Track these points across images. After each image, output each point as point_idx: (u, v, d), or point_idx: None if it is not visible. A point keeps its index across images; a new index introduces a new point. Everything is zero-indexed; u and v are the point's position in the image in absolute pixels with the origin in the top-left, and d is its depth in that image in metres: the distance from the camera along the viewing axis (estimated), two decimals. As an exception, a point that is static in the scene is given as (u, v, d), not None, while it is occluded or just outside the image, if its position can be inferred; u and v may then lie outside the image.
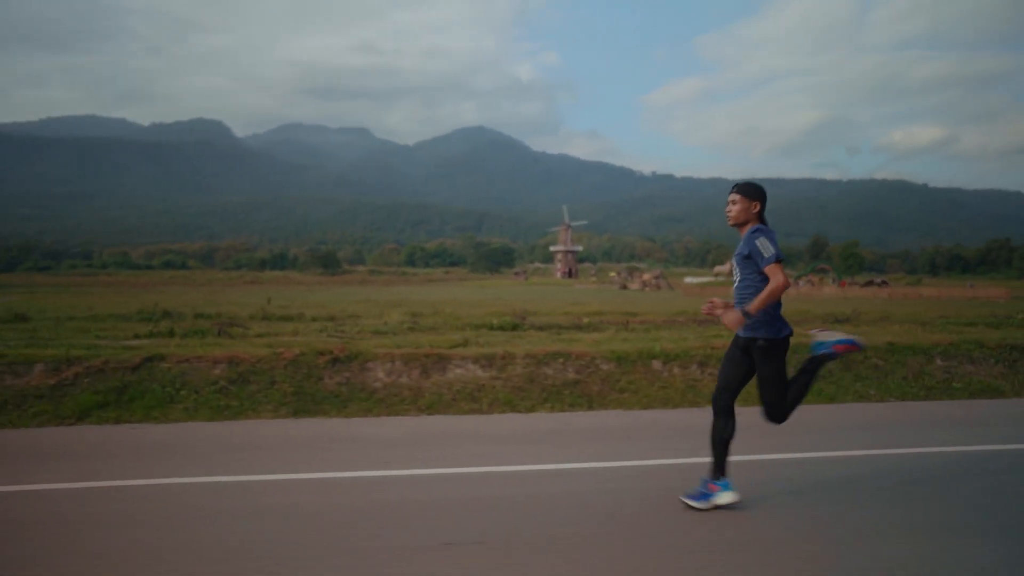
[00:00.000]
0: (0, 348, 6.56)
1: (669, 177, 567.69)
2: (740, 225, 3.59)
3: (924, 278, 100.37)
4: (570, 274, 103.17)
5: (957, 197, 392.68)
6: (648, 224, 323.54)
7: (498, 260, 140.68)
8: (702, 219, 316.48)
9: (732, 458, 3.67)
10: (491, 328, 9.58)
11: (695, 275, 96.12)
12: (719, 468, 3.58)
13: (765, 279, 3.43)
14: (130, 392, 5.95)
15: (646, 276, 67.22)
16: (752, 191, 3.57)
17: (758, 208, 3.56)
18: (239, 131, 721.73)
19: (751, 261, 3.47)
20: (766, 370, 3.52)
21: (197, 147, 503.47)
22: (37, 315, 17.81)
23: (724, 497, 3.53)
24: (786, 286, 3.34)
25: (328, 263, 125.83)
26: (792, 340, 3.61)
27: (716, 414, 3.61)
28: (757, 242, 3.40)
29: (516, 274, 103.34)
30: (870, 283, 59.18)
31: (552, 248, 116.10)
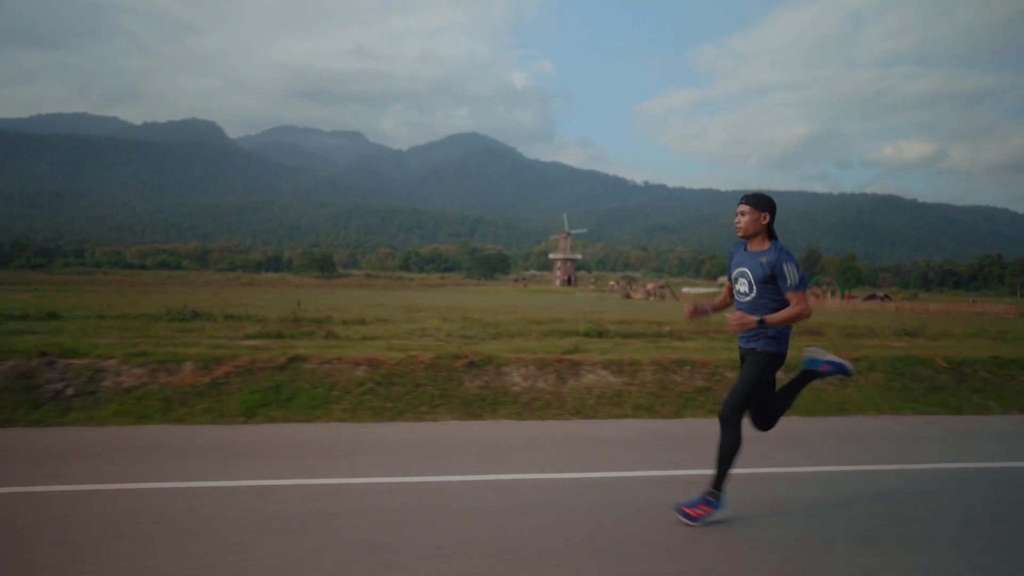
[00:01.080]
0: (145, 346, 6.61)
1: (662, 187, 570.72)
2: (750, 237, 3.57)
3: (919, 293, 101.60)
4: (569, 282, 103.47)
5: (946, 212, 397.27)
6: (640, 233, 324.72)
7: (493, 266, 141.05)
8: (694, 229, 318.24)
9: (978, 465, 3.78)
10: (581, 335, 9.70)
11: (691, 285, 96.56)
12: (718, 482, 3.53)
13: (782, 301, 3.44)
14: (284, 392, 6.03)
15: (650, 286, 67.53)
16: (761, 202, 3.54)
17: (768, 219, 3.54)
18: (232, 132, 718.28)
19: (772, 282, 3.43)
20: (750, 375, 3.49)
21: (189, 147, 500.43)
22: (65, 313, 17.75)
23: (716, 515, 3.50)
24: (808, 315, 3.40)
25: (324, 266, 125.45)
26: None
27: (723, 431, 3.53)
28: (785, 267, 3.38)
29: (516, 281, 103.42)
30: (872, 297, 59.77)
31: (552, 255, 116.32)
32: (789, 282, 3.38)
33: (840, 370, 3.71)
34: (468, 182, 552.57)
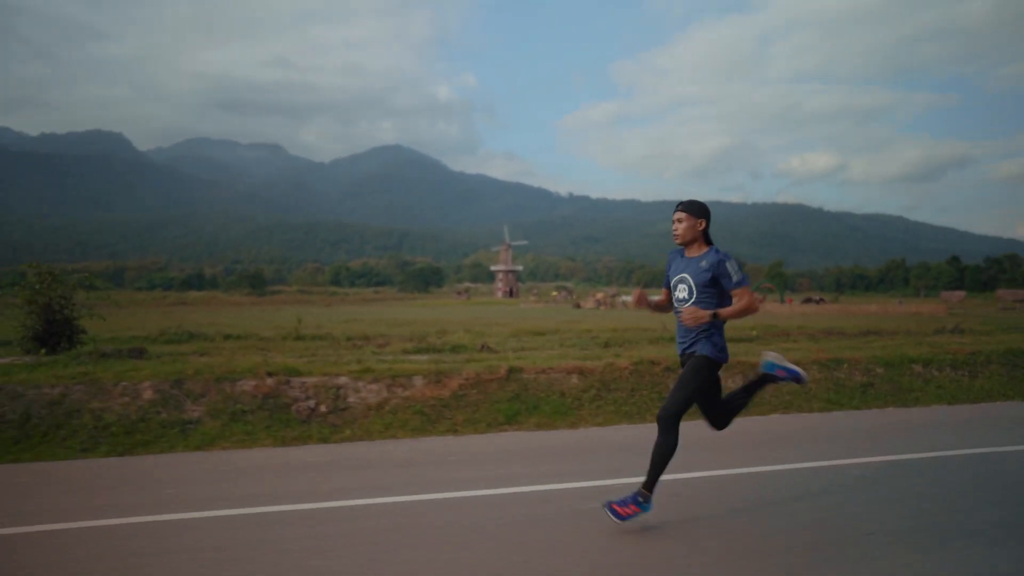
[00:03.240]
0: (372, 364, 6.72)
1: (585, 198, 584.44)
2: (688, 244, 3.63)
3: (838, 296, 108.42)
4: (511, 293, 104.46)
5: (849, 220, 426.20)
6: (567, 244, 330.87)
7: (427, 280, 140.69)
8: (618, 239, 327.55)
9: None
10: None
11: (627, 294, 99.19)
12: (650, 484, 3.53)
13: (725, 301, 3.53)
14: (526, 400, 6.34)
15: (600, 295, 69.21)
16: (697, 209, 3.61)
17: (704, 225, 3.61)
18: (141, 144, 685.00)
19: (715, 283, 3.52)
20: (687, 378, 3.52)
21: (94, 160, 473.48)
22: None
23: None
24: (756, 308, 3.52)
25: (256, 283, 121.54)
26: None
27: (661, 432, 3.51)
28: (727, 265, 3.47)
29: (458, 293, 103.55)
30: (808, 300, 63.59)
31: (493, 268, 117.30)
32: (734, 279, 3.47)
33: (795, 378, 3.77)
34: (393, 195, 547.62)
